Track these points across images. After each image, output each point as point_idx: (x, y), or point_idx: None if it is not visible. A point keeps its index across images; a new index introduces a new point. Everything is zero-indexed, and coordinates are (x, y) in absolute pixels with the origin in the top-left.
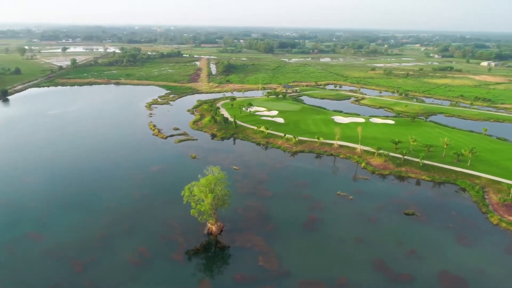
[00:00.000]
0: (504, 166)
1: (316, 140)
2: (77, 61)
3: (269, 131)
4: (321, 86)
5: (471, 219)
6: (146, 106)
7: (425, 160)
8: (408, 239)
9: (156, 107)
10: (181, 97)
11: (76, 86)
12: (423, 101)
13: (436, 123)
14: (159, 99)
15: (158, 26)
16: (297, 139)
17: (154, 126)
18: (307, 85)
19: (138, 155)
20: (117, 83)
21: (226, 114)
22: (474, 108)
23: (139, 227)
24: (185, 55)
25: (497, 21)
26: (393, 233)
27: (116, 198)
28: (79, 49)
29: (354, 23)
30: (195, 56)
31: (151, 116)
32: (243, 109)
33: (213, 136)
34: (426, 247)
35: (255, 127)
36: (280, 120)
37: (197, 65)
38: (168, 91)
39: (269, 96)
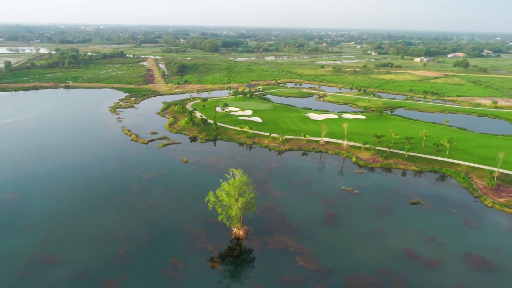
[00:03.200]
0: (476, 153)
1: (302, 137)
2: (11, 64)
3: (253, 131)
4: (281, 84)
5: (468, 203)
6: (110, 110)
7: (409, 152)
8: (424, 227)
9: (122, 111)
10: (144, 99)
11: (20, 91)
12: (380, 96)
13: (401, 116)
14: (121, 103)
15: (86, 25)
16: (284, 137)
17: (129, 131)
18: (267, 84)
19: (125, 164)
20: (67, 87)
21: (199, 115)
22: (427, 101)
23: (161, 238)
24: (128, 56)
25: (417, 20)
26: (408, 223)
27: (123, 211)
28: (3, 50)
29: (287, 22)
30: (140, 56)
31: (120, 121)
32: (221, 109)
33: (196, 138)
34: (442, 232)
35: (238, 128)
36: (258, 119)
37: (145, 65)
38: (127, 94)
39: (237, 96)
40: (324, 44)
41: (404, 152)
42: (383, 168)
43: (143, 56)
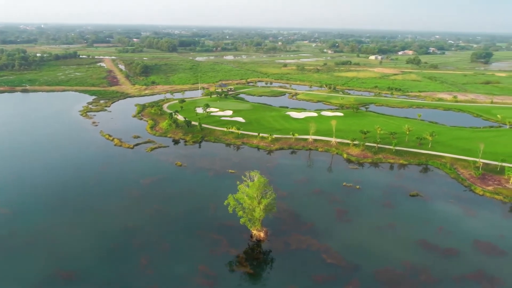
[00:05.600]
0: (455, 145)
1: (291, 136)
2: None
3: (240, 131)
4: (251, 84)
5: (460, 193)
6: (81, 114)
7: (395, 146)
8: (430, 217)
9: (94, 115)
10: (114, 102)
11: None
12: (349, 94)
13: (375, 112)
14: (91, 106)
15: (25, 24)
16: (273, 137)
17: (110, 135)
18: (238, 83)
19: (117, 169)
20: (25, 90)
21: (180, 117)
22: (394, 97)
23: (181, 245)
24: (82, 56)
25: (364, 20)
26: (414, 215)
27: (131, 219)
28: None
29: (238, 22)
30: (95, 57)
31: (96, 125)
32: (202, 110)
33: (179, 141)
34: (448, 222)
35: (224, 128)
36: (240, 119)
37: (103, 67)
38: (94, 97)
39: (212, 96)
40: (280, 43)
41: (391, 147)
42: (374, 163)
43: (98, 57)
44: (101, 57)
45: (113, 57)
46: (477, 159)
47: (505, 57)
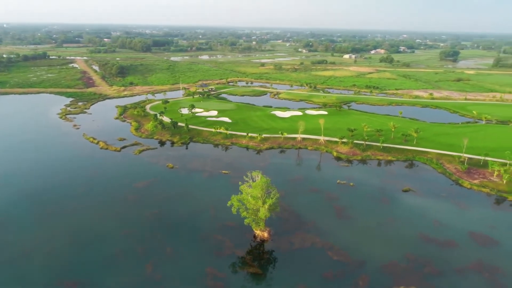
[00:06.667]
0: (437, 141)
1: (280, 135)
2: None
3: (229, 131)
4: (232, 83)
5: (449, 187)
6: (60, 117)
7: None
8: (425, 212)
9: (74, 117)
10: (93, 104)
11: None
12: (329, 92)
13: (358, 110)
14: (69, 108)
15: None
16: (262, 136)
17: (94, 138)
18: (218, 83)
19: (107, 173)
20: None
21: (166, 118)
22: (374, 95)
23: (185, 248)
24: (53, 57)
25: (334, 19)
26: (410, 210)
27: (130, 224)
28: None
29: (210, 21)
30: (66, 57)
31: (78, 128)
32: (188, 111)
33: (165, 142)
34: (442, 215)
35: (212, 129)
36: (226, 119)
37: (76, 67)
38: (72, 99)
39: (194, 96)
40: (254, 42)
41: (378, 144)
42: (363, 160)
43: (69, 57)
44: (72, 57)
45: (85, 58)
46: (461, 154)
47: (470, 55)
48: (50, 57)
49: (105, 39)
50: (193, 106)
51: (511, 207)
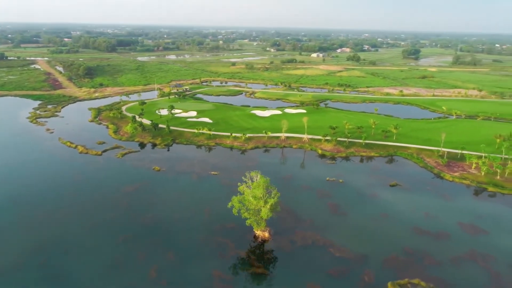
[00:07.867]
0: (415, 136)
1: (264, 135)
2: None
3: (212, 132)
4: (206, 83)
5: (432, 180)
6: (31, 121)
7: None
8: (415, 205)
9: (46, 121)
10: (64, 106)
11: None
12: (304, 91)
13: (335, 108)
14: (39, 112)
15: None
16: (246, 136)
17: (71, 142)
18: (192, 83)
19: (93, 179)
20: None
21: (145, 120)
22: (347, 93)
23: (187, 252)
24: (11, 58)
25: (298, 18)
26: (401, 204)
27: (127, 230)
28: None
29: (172, 20)
30: (26, 58)
31: (52, 132)
32: (167, 112)
33: (153, 144)
34: (431, 208)
35: (195, 130)
36: (207, 120)
37: (39, 69)
38: (40, 102)
39: (170, 97)
40: (221, 42)
41: (360, 141)
42: (347, 157)
43: (29, 58)
44: (33, 58)
45: (46, 58)
46: (439, 148)
47: (430, 53)
48: (8, 58)
49: (65, 39)
50: (172, 107)
51: (491, 198)
